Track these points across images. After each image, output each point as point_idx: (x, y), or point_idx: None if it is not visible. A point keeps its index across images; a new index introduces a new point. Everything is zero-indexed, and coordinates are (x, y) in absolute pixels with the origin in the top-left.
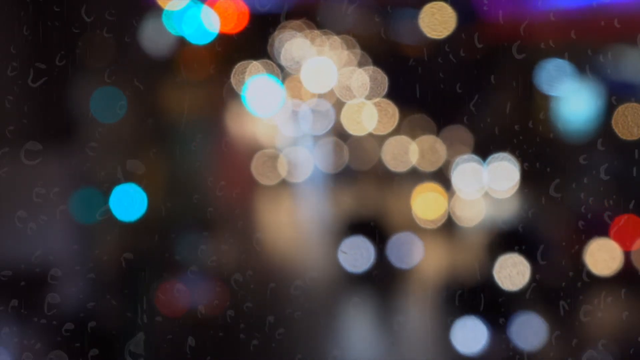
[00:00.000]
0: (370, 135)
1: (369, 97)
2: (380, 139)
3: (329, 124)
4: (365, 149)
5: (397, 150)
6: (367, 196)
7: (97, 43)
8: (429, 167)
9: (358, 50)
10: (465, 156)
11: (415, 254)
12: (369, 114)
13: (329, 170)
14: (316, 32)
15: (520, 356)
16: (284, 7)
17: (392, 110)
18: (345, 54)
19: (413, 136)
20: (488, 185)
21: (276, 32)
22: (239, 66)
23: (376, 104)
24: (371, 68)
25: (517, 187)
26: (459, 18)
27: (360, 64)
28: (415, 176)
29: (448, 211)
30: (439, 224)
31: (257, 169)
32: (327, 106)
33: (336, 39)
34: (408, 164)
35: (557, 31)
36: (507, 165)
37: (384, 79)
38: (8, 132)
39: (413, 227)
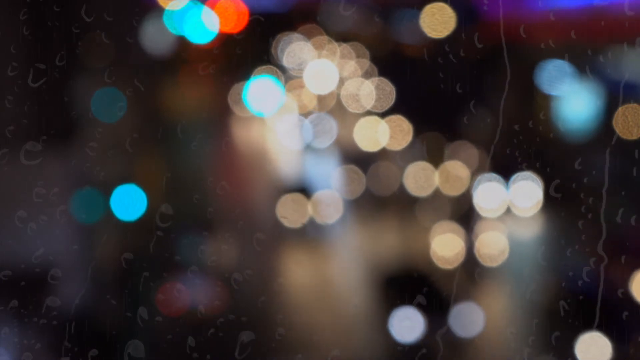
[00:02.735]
0: (384, 151)
1: (376, 108)
2: (395, 159)
3: (333, 136)
4: (385, 173)
5: (419, 175)
6: (393, 232)
7: (97, 43)
8: (453, 192)
9: (366, 60)
10: (487, 175)
11: (475, 325)
12: (382, 130)
13: (348, 196)
14: (324, 37)
15: None
16: (284, 8)
17: (407, 127)
18: (351, 63)
19: (432, 159)
20: (511, 203)
21: (280, 35)
22: (240, 68)
23: (390, 121)
24: (377, 79)
25: (540, 205)
26: (459, 18)
27: (367, 74)
28: (438, 201)
29: (468, 250)
30: (457, 263)
31: (282, 212)
32: (331, 118)
33: (345, 47)
34: (431, 189)
35: (557, 31)
36: (529, 184)
37: (392, 90)
38: (8, 132)
39: (432, 269)
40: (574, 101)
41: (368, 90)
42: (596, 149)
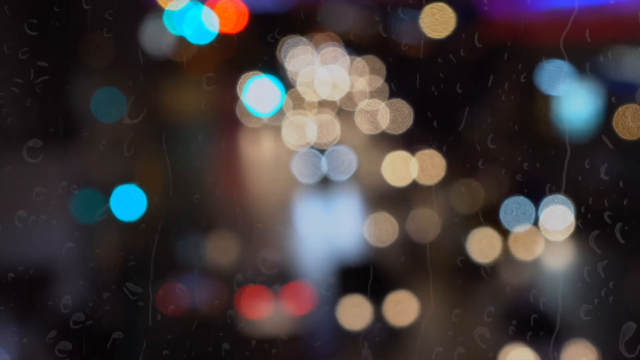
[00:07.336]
0: (416, 184)
1: (392, 129)
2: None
3: (351, 167)
4: (422, 218)
5: (484, 242)
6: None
7: (97, 43)
8: (526, 256)
9: (380, 78)
10: (516, 197)
11: None
12: (412, 164)
13: (379, 244)
14: (338, 49)
15: None
16: (284, 8)
17: (440, 161)
18: (361, 80)
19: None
20: (542, 227)
21: (284, 38)
22: (240, 68)
23: (421, 155)
24: (396, 100)
25: (572, 228)
26: (459, 18)
27: (380, 92)
28: (508, 268)
29: None
30: None
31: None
32: (350, 150)
33: (359, 62)
34: (495, 255)
35: (557, 31)
36: (561, 208)
37: (410, 112)
38: (9, 131)
39: None
40: (574, 101)
41: (383, 110)
42: (596, 149)
